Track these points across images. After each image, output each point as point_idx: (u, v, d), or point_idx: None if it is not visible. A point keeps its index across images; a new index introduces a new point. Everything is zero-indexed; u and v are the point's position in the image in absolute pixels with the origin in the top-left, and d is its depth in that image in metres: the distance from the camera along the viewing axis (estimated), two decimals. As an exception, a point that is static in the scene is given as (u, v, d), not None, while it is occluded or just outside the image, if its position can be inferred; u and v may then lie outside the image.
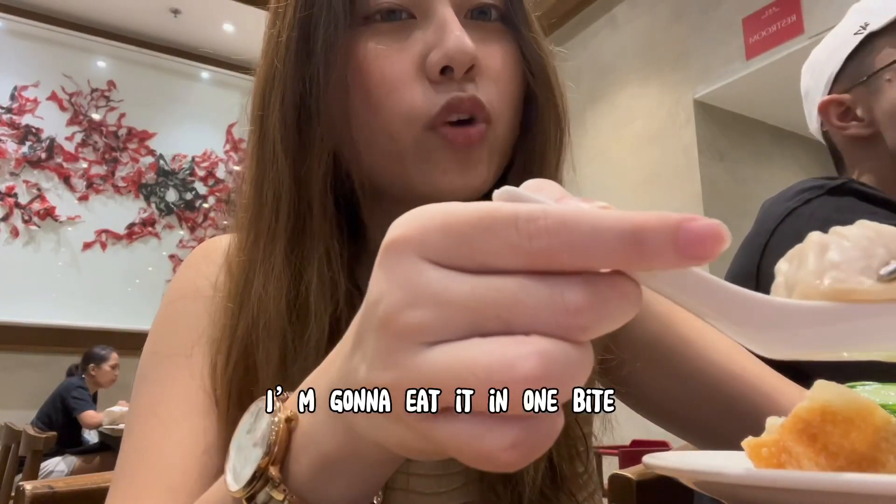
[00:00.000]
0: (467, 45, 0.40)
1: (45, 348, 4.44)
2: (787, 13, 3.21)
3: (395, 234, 0.20)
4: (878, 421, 0.25)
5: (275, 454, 0.26)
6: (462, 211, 0.19)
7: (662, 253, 0.17)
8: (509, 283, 0.18)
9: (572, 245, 0.17)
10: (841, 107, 0.89)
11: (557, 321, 0.18)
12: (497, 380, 0.17)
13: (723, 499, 0.26)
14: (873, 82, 0.85)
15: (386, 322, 0.19)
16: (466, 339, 0.18)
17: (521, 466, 0.18)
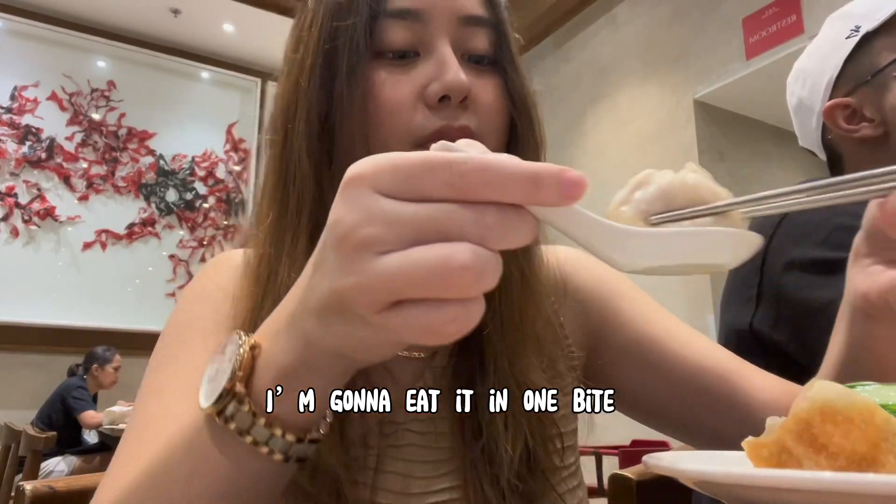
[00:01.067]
0: (463, 79, 0.47)
1: (45, 348, 4.45)
2: (787, 13, 3.21)
3: (354, 172, 0.26)
4: (878, 421, 0.25)
5: (240, 374, 0.31)
6: (408, 156, 0.26)
7: (551, 192, 0.25)
8: (443, 206, 0.25)
9: (490, 183, 0.25)
10: (847, 109, 0.88)
11: (480, 234, 0.25)
12: (441, 269, 0.24)
13: (723, 499, 0.26)
14: (878, 80, 0.84)
15: (345, 238, 0.26)
16: (412, 247, 0.25)
17: (458, 337, 0.25)
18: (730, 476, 0.21)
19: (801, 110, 0.96)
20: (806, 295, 0.73)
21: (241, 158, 5.59)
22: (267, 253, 0.50)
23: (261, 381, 0.32)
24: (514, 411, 0.51)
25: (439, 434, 0.53)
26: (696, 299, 3.38)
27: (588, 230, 0.27)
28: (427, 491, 0.51)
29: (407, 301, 0.25)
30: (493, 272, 0.25)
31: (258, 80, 5.60)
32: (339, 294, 0.26)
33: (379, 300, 0.25)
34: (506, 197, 0.25)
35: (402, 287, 0.25)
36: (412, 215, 0.25)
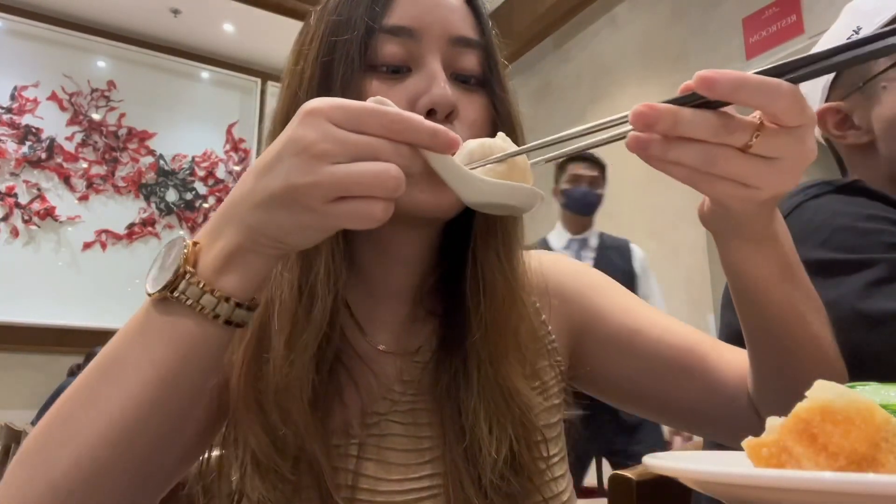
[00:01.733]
0: (449, 95, 0.51)
1: (45, 348, 4.45)
2: (787, 13, 3.21)
3: (313, 106, 0.38)
4: (878, 421, 0.25)
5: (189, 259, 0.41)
6: (355, 103, 0.39)
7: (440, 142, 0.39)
8: (377, 141, 0.38)
9: (409, 130, 0.38)
10: (838, 115, 0.87)
11: (398, 159, 0.38)
12: (380, 177, 0.37)
13: (723, 499, 0.26)
14: (869, 89, 0.83)
15: (306, 149, 0.37)
16: (356, 162, 0.37)
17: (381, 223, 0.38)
18: (730, 476, 0.21)
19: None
20: None
21: (241, 158, 5.59)
22: None
23: (205, 264, 0.41)
24: (498, 416, 0.53)
25: (420, 425, 0.56)
26: (696, 299, 3.39)
27: (451, 171, 0.41)
28: (407, 478, 0.53)
29: (347, 197, 0.37)
30: (404, 183, 0.38)
31: (258, 80, 5.60)
32: (296, 188, 0.37)
33: (328, 195, 0.37)
34: (415, 141, 0.39)
35: (349, 186, 0.37)
36: (356, 140, 0.37)
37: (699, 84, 0.36)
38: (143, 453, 0.41)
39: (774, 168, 0.38)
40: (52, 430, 0.41)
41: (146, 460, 0.42)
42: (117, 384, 0.40)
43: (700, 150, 0.38)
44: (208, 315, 0.40)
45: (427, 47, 0.52)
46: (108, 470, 0.40)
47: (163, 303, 0.41)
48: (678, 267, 3.53)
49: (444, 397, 0.55)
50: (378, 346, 0.58)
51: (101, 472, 0.39)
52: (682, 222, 3.57)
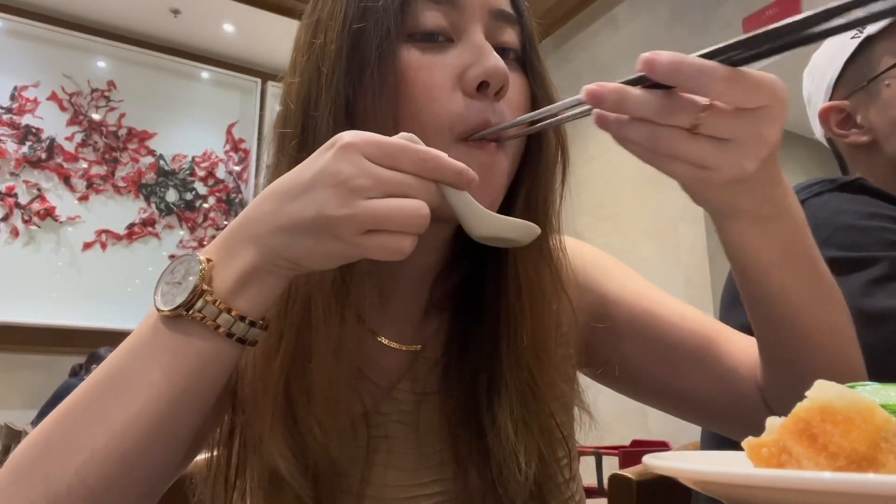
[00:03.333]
0: (504, 66, 0.48)
1: (45, 348, 4.44)
2: (787, 13, 3.20)
3: (348, 140, 0.39)
4: (878, 421, 0.25)
5: (206, 275, 0.40)
6: (389, 139, 0.39)
7: (460, 180, 0.40)
8: (408, 178, 0.39)
9: (438, 168, 0.39)
10: (841, 114, 0.87)
11: (427, 196, 0.39)
12: (411, 214, 0.38)
13: (723, 499, 0.26)
14: (873, 88, 0.83)
15: (344, 182, 0.37)
16: (387, 198, 0.38)
17: (407, 255, 0.38)
18: (730, 476, 0.21)
19: (810, 105, 0.95)
20: None
21: (241, 158, 5.58)
22: None
23: (221, 282, 0.41)
24: (526, 420, 0.50)
25: (426, 427, 0.53)
26: (697, 299, 3.38)
27: (466, 206, 0.43)
28: (413, 483, 0.51)
29: (377, 231, 0.37)
30: (429, 220, 0.39)
31: (258, 80, 5.60)
32: (328, 219, 0.37)
33: (361, 228, 0.37)
34: (443, 178, 0.40)
35: (382, 221, 0.37)
36: (390, 177, 0.38)
37: (643, 66, 0.36)
38: (152, 466, 0.40)
39: (726, 150, 0.37)
40: (51, 446, 0.39)
41: (154, 473, 0.41)
42: (126, 399, 0.39)
43: (647, 129, 0.38)
44: (223, 333, 0.40)
45: (470, 17, 0.49)
46: (116, 485, 0.39)
47: (175, 320, 0.41)
48: (678, 267, 3.53)
49: (456, 397, 0.52)
50: (382, 341, 0.55)
51: (108, 488, 0.38)
52: (682, 222, 3.57)
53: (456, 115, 0.47)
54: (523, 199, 0.54)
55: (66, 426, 0.40)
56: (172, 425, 0.40)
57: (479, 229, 0.43)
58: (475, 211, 0.42)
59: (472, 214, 0.42)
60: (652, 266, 3.70)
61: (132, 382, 0.40)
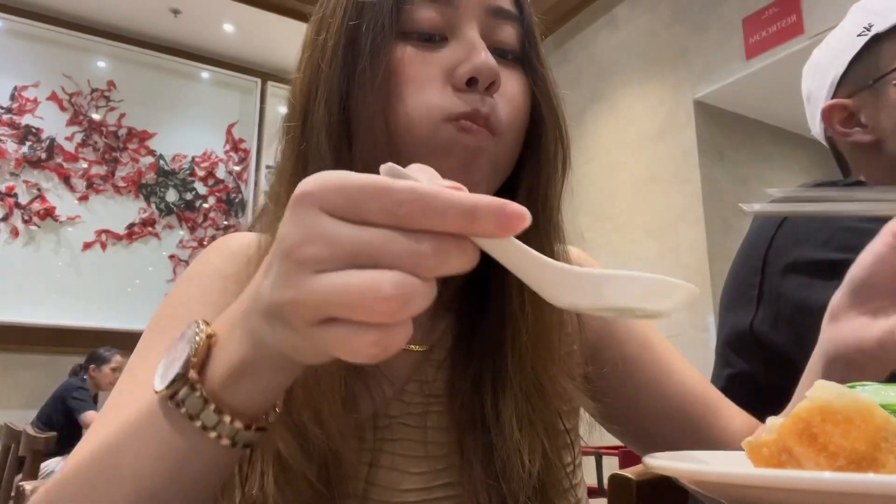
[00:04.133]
0: (493, 63, 0.47)
1: (45, 348, 4.44)
2: (787, 13, 3.21)
3: (301, 190, 0.27)
4: (878, 421, 0.25)
5: (195, 361, 0.33)
6: (354, 178, 0.26)
7: (488, 225, 0.25)
8: (380, 233, 0.25)
9: (426, 212, 0.25)
10: (844, 112, 0.86)
11: (412, 261, 0.25)
12: (367, 297, 0.25)
13: (723, 499, 0.26)
14: (880, 87, 0.82)
15: (288, 253, 0.26)
16: (346, 270, 0.25)
17: (380, 360, 0.26)
18: (730, 476, 0.21)
19: (809, 103, 0.94)
20: (806, 296, 0.73)
21: (241, 158, 5.59)
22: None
23: (214, 370, 0.33)
24: (531, 420, 0.50)
25: (434, 430, 0.52)
26: (697, 299, 3.38)
27: (525, 264, 0.28)
28: (421, 487, 0.50)
29: (336, 319, 0.26)
30: (420, 300, 0.25)
31: (258, 80, 5.60)
32: (278, 304, 0.27)
33: (311, 315, 0.26)
34: (442, 227, 0.25)
35: (332, 307, 0.26)
36: (350, 238, 0.26)
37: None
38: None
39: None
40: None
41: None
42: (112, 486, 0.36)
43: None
44: (209, 434, 0.33)
45: (465, 15, 0.49)
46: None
47: (163, 403, 0.34)
48: (678, 267, 3.53)
49: (463, 398, 0.51)
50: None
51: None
52: (682, 222, 3.57)
53: (444, 103, 0.47)
54: (522, 201, 0.53)
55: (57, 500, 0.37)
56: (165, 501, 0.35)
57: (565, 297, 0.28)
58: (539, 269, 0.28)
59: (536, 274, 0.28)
60: (652, 266, 3.70)
61: (120, 468, 0.35)
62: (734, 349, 0.84)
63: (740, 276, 0.85)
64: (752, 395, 0.82)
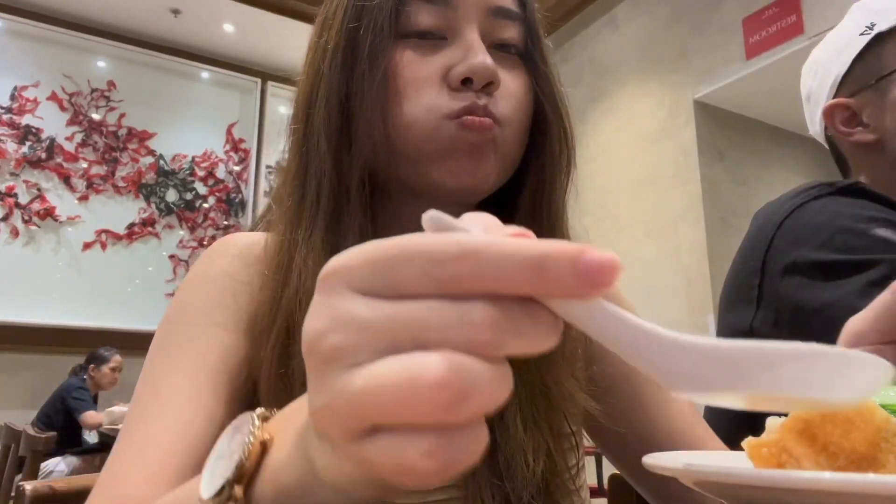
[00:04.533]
0: (489, 62, 0.47)
1: (45, 348, 4.44)
2: (787, 13, 3.21)
3: (328, 268, 0.21)
4: (878, 421, 0.25)
5: (242, 474, 0.27)
6: (387, 245, 0.20)
7: (563, 280, 0.18)
8: (421, 306, 0.19)
9: (479, 272, 0.19)
10: (846, 111, 0.86)
11: (466, 338, 0.18)
12: (407, 388, 0.18)
13: (723, 499, 0.26)
14: (883, 86, 0.82)
15: (312, 348, 0.20)
16: (385, 358, 0.19)
17: (441, 477, 0.19)
18: (730, 476, 0.21)
19: (809, 102, 0.94)
20: (805, 296, 0.73)
21: (241, 158, 5.58)
22: (286, 240, 0.50)
23: (262, 489, 0.27)
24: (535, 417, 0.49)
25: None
26: (697, 299, 3.38)
27: (622, 335, 0.20)
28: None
29: (381, 428, 0.19)
30: (487, 388, 0.18)
31: (258, 80, 5.60)
32: (314, 417, 0.21)
33: (350, 426, 0.20)
34: (500, 288, 0.19)
35: (370, 410, 0.19)
36: (386, 318, 0.19)
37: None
38: None
39: None
40: None
41: None
42: None
43: None
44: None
45: (464, 17, 0.49)
46: None
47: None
48: (678, 267, 3.53)
49: None
50: None
51: None
52: (682, 222, 3.57)
53: (442, 105, 0.47)
54: (527, 202, 0.53)
55: None
56: None
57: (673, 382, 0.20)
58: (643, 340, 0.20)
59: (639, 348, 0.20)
60: (652, 266, 3.70)
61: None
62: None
63: (740, 276, 0.85)
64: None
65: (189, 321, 0.50)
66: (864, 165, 0.88)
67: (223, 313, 0.50)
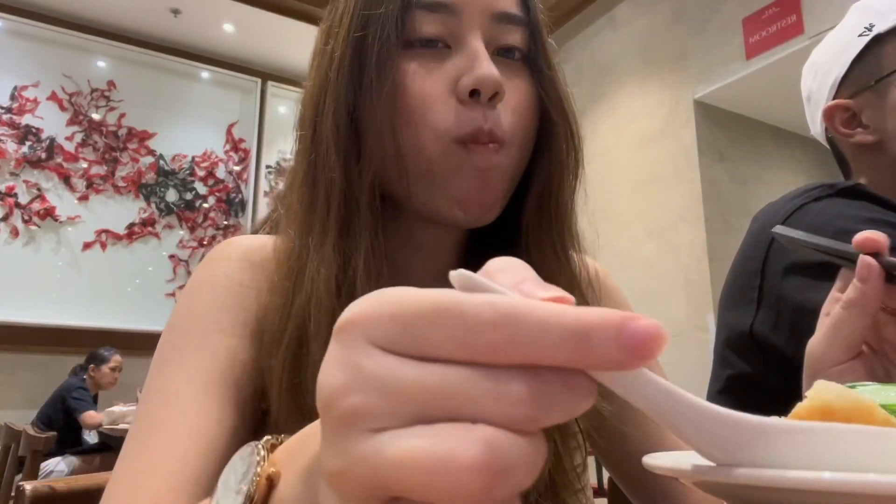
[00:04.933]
0: (495, 73, 0.47)
1: (45, 348, 4.44)
2: (787, 13, 3.21)
3: (347, 316, 0.19)
4: (878, 421, 0.25)
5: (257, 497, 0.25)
6: (413, 299, 0.19)
7: (607, 353, 0.17)
8: (454, 373, 0.18)
9: (517, 341, 0.17)
10: (847, 112, 0.86)
11: (502, 411, 0.17)
12: (440, 469, 0.17)
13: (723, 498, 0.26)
14: (882, 87, 0.82)
15: (329, 404, 0.19)
16: (411, 427, 0.18)
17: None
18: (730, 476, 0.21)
19: (809, 103, 0.93)
20: (805, 297, 0.73)
21: (241, 158, 5.59)
22: (297, 247, 0.50)
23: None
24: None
25: None
26: (697, 299, 3.38)
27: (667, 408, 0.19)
28: None
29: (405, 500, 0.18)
30: (525, 468, 0.17)
31: (258, 80, 5.60)
32: (328, 477, 0.19)
33: (368, 494, 0.18)
34: (540, 359, 0.17)
35: (393, 485, 0.17)
36: (412, 382, 0.18)
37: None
38: None
39: None
40: None
41: None
42: None
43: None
44: None
45: (468, 24, 0.49)
46: None
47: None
48: (678, 267, 3.53)
49: None
50: None
51: None
52: (682, 222, 3.57)
53: (450, 122, 0.48)
54: (534, 204, 0.53)
55: None
56: None
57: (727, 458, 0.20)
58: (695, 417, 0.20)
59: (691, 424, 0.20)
60: (652, 266, 3.70)
61: None
62: (734, 350, 0.84)
63: (740, 277, 0.85)
64: (752, 395, 0.82)
65: (194, 328, 0.49)
66: (865, 166, 0.88)
67: (228, 318, 0.49)
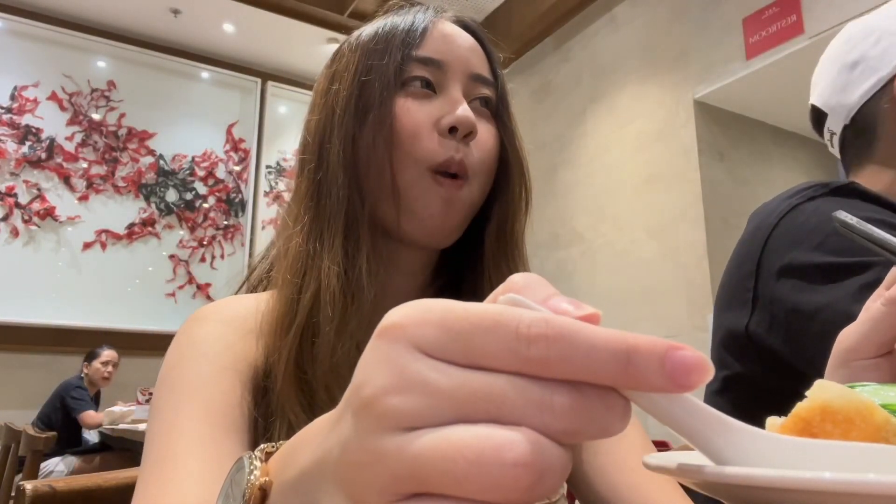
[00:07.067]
0: (471, 116, 0.59)
1: (45, 348, 4.45)
2: (787, 13, 3.21)
3: (392, 321, 0.20)
4: (878, 421, 0.25)
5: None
6: (463, 309, 0.20)
7: (649, 376, 0.18)
8: (501, 380, 0.19)
9: (568, 357, 0.18)
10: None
11: (544, 421, 0.18)
12: (486, 461, 0.17)
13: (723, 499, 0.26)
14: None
15: (370, 403, 0.19)
16: (453, 425, 0.18)
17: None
18: (730, 476, 0.21)
19: (857, 67, 0.86)
20: (799, 299, 0.73)
21: (241, 158, 5.59)
22: (305, 249, 0.57)
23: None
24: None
25: None
26: (696, 299, 3.38)
27: (702, 430, 0.20)
28: None
29: (427, 496, 0.18)
30: (557, 475, 0.18)
31: (258, 80, 5.60)
32: (349, 470, 0.20)
33: (396, 489, 0.19)
34: (586, 377, 0.18)
35: (432, 476, 0.18)
36: (459, 386, 0.19)
37: None
38: None
39: None
40: None
41: None
42: None
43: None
44: None
45: (451, 78, 0.61)
46: None
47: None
48: (678, 267, 3.53)
49: None
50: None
51: None
52: (682, 222, 3.57)
53: (431, 151, 0.58)
54: (493, 234, 0.64)
55: None
56: None
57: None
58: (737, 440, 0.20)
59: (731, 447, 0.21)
60: (652, 266, 3.70)
61: None
62: (730, 351, 0.84)
63: (735, 278, 0.84)
64: (748, 396, 0.82)
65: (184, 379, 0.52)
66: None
67: (220, 359, 0.54)
